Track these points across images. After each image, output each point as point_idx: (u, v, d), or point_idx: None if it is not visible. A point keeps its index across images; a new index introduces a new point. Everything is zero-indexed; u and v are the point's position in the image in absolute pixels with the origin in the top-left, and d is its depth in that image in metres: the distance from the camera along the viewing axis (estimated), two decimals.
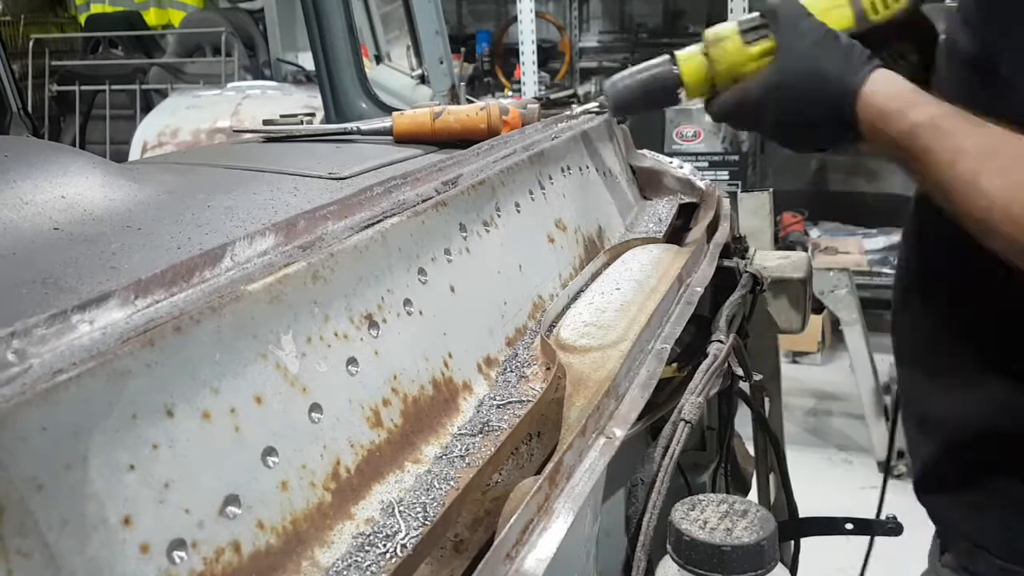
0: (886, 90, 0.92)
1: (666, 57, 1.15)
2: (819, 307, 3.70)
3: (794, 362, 4.46)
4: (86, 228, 0.79)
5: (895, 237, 4.21)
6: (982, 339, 0.96)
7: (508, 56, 8.33)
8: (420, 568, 0.63)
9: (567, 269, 1.22)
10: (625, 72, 1.20)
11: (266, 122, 1.42)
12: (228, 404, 0.60)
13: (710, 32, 1.11)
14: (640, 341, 0.95)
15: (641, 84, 1.17)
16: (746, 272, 1.35)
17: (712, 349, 1.07)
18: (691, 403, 0.91)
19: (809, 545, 1.52)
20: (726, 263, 1.38)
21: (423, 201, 0.93)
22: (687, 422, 0.89)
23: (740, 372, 1.24)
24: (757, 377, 1.31)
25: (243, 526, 0.58)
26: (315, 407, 0.68)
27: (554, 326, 1.05)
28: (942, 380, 1.02)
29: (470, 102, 1.92)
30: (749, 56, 1.06)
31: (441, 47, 2.78)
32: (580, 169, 1.39)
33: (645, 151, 1.77)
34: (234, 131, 1.42)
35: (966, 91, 0.89)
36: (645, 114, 4.53)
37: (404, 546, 0.64)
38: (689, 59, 1.12)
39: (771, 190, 3.70)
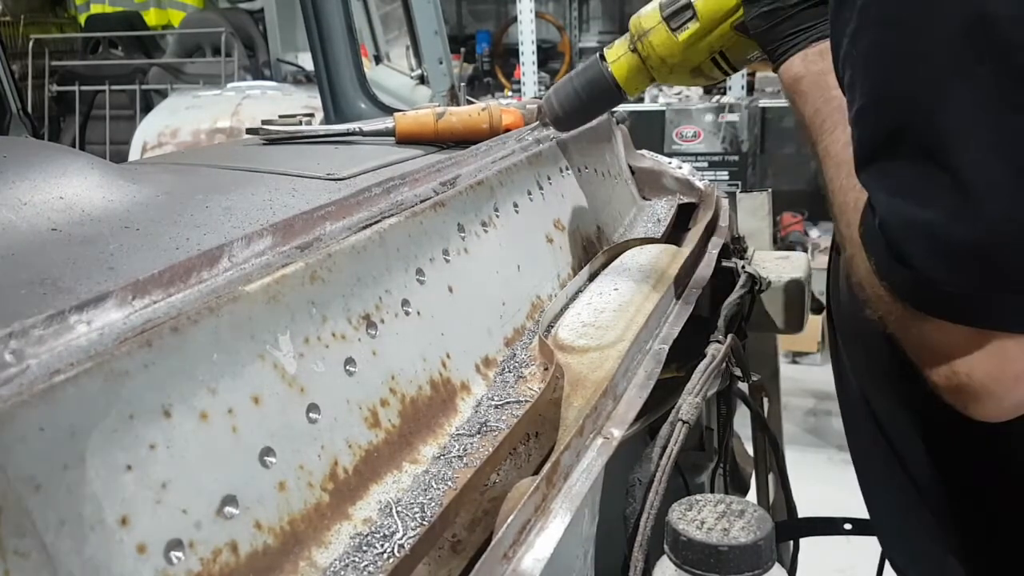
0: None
1: (595, 59, 1.07)
2: (819, 307, 3.69)
3: (794, 362, 4.46)
4: (84, 229, 0.79)
5: None
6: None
7: (508, 56, 8.32)
8: (418, 568, 0.63)
9: (565, 269, 1.22)
10: (559, 84, 1.11)
11: (264, 123, 1.42)
12: (226, 404, 0.60)
13: (634, 22, 1.02)
14: (638, 341, 0.95)
15: (577, 94, 1.09)
16: (745, 272, 1.35)
17: (710, 349, 1.07)
18: (689, 403, 0.91)
19: (809, 545, 1.52)
20: (725, 263, 1.38)
21: (421, 202, 0.93)
22: (685, 422, 0.89)
23: (739, 372, 1.24)
24: (755, 377, 1.31)
25: (240, 526, 0.58)
26: (313, 407, 0.68)
27: (552, 326, 1.05)
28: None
29: (470, 103, 1.92)
30: (679, 46, 0.98)
31: (440, 47, 2.78)
32: (579, 169, 1.39)
33: (644, 151, 1.77)
34: (248, 131, 1.42)
35: None
36: (642, 118, 4.56)
37: (402, 546, 0.64)
38: (619, 59, 1.04)
39: (770, 190, 3.68)
